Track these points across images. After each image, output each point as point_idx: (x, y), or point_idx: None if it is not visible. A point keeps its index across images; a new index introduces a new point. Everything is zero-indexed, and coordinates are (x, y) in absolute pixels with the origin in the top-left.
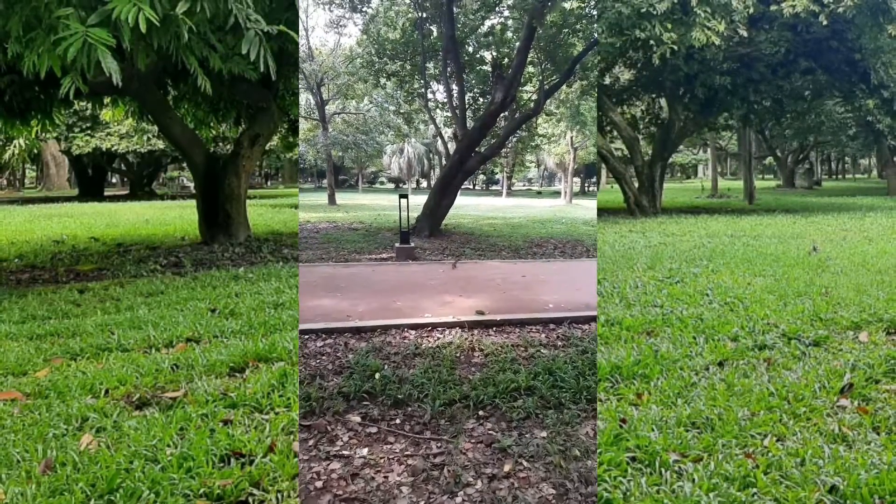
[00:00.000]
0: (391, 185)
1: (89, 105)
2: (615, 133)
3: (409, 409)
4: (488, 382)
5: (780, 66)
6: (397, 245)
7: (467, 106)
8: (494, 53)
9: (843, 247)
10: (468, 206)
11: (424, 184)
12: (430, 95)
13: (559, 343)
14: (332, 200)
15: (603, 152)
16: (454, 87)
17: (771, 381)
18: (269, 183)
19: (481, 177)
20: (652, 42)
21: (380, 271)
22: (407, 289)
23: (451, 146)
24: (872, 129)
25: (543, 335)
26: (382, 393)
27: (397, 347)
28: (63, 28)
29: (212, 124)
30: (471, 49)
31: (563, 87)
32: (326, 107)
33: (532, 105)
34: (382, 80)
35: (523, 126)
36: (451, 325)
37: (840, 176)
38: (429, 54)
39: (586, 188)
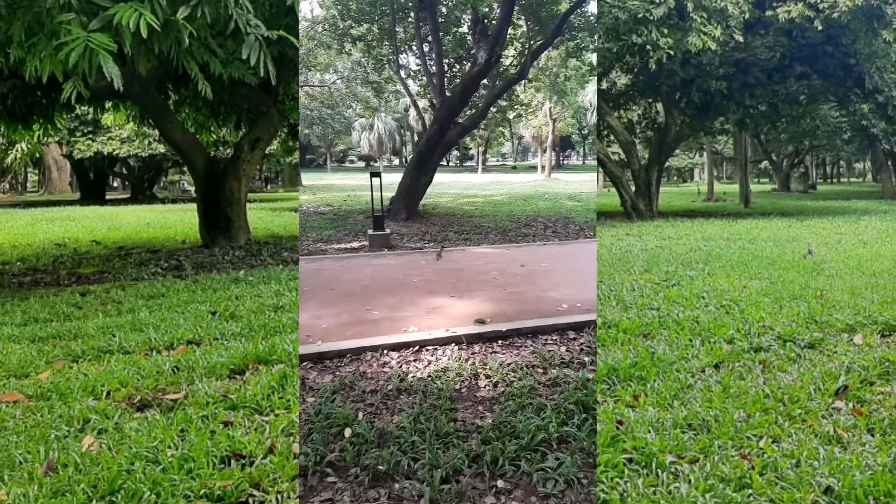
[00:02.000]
0: (361, 164)
1: (91, 109)
2: (612, 137)
3: (397, 485)
4: (504, 430)
5: (775, 71)
6: (370, 232)
7: (444, 73)
8: (473, 9)
9: (837, 250)
10: (444, 184)
11: (396, 161)
12: (401, 62)
13: (586, 359)
14: (298, 181)
15: (600, 156)
16: (430, 50)
17: (766, 383)
18: (268, 186)
19: (455, 152)
20: (648, 47)
21: (350, 266)
22: (384, 289)
23: (428, 118)
24: (867, 134)
25: (563, 347)
26: (356, 462)
27: (375, 380)
28: (65, 33)
29: (212, 128)
30: (445, 10)
31: (545, 51)
32: None
33: (514, 70)
34: (348, 46)
35: (503, 94)
36: (444, 342)
37: (835, 180)
38: (399, 15)
39: (562, 162)
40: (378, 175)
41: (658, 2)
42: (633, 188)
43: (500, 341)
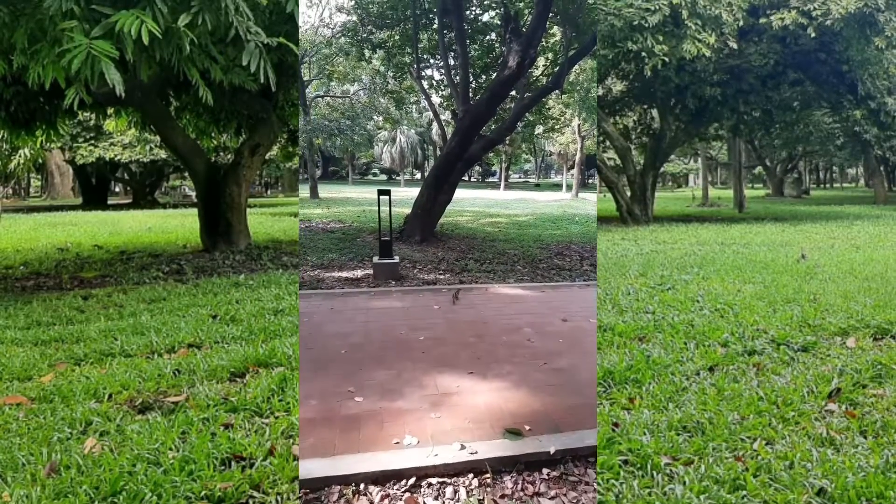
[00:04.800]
0: (384, 177)
1: (93, 115)
2: (608, 143)
3: None
4: None
5: (769, 78)
6: (375, 259)
7: (469, 81)
8: (504, 7)
9: (831, 254)
10: (464, 201)
11: (418, 175)
12: (423, 71)
13: None
14: (313, 194)
15: (597, 161)
16: (454, 55)
17: (760, 385)
18: (268, 192)
19: (476, 168)
20: (644, 54)
21: (343, 309)
22: (378, 353)
23: (450, 132)
24: (859, 139)
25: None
26: None
27: None
28: (67, 40)
29: (213, 134)
30: (472, 16)
31: (581, 60)
32: (307, 89)
33: (545, 80)
34: (367, 52)
35: (532, 107)
36: (457, 471)
37: (828, 185)
38: (421, 21)
39: (587, 181)
40: (387, 193)
41: (653, 9)
42: (629, 193)
43: (546, 471)
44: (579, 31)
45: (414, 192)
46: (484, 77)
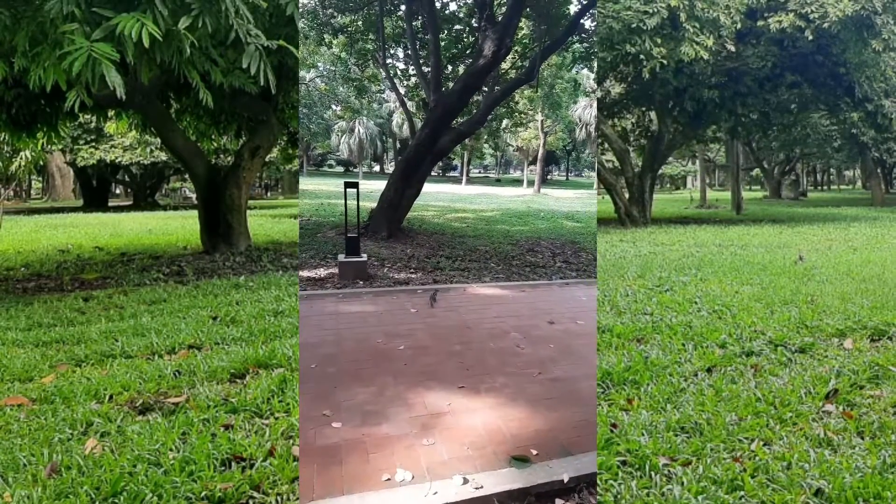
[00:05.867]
0: (340, 169)
1: (94, 118)
2: (606, 145)
3: None
4: None
5: (766, 80)
6: (341, 258)
7: (440, 70)
8: None
9: (828, 256)
10: (428, 195)
11: (377, 167)
12: (388, 60)
13: None
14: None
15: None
16: (421, 43)
17: (758, 386)
18: (268, 194)
19: (438, 161)
20: (642, 56)
21: (307, 314)
22: (353, 366)
23: (418, 123)
24: (857, 142)
25: None
26: None
27: None
28: (68, 43)
29: (213, 136)
30: (439, 5)
31: (554, 52)
32: None
33: (515, 73)
34: (328, 38)
35: (503, 101)
36: None
37: (825, 187)
38: (386, 7)
39: (547, 177)
40: (355, 186)
41: (651, 12)
42: (627, 195)
43: (559, 502)
44: (550, 24)
45: (375, 184)
46: (451, 68)
